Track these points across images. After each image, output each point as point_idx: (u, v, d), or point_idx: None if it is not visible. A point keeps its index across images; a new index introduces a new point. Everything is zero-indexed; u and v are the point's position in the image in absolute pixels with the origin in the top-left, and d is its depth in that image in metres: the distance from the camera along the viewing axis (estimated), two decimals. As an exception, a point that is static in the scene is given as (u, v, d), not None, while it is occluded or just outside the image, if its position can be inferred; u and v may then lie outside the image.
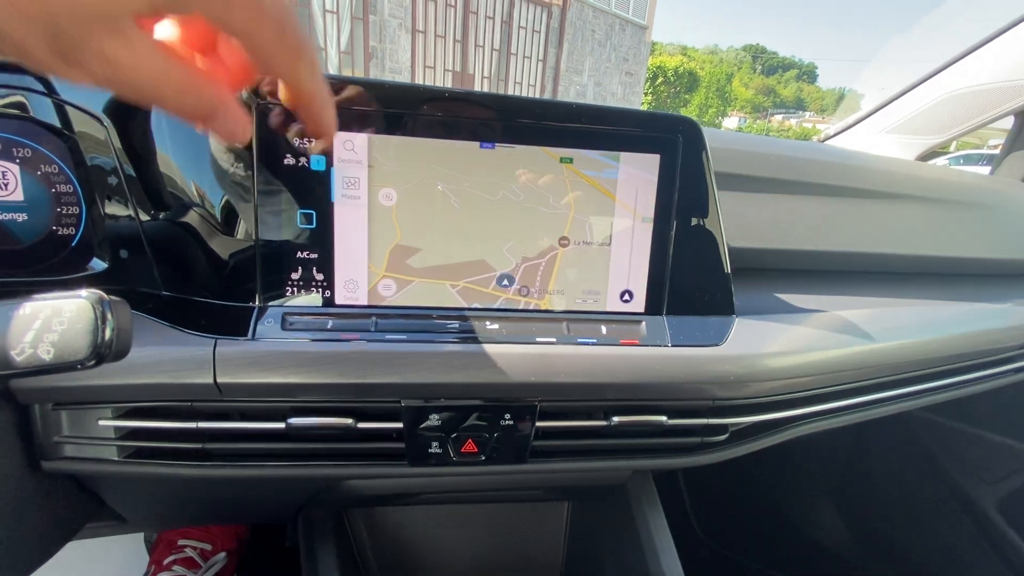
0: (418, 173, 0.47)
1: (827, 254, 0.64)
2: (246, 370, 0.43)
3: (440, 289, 0.49)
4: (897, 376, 0.63)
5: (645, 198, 0.51)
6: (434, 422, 0.49)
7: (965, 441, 1.03)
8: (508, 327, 0.49)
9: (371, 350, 0.46)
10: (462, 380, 0.47)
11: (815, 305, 0.60)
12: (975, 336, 0.66)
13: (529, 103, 0.47)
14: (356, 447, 0.50)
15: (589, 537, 0.69)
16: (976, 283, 0.76)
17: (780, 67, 74.48)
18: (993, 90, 0.95)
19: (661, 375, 0.49)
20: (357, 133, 0.45)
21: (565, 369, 0.48)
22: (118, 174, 0.44)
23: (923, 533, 1.06)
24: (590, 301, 0.52)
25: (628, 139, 0.49)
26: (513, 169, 0.48)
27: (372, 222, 0.47)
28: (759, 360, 0.52)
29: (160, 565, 0.90)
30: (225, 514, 0.69)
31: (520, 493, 0.64)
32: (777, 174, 0.61)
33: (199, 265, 0.45)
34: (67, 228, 0.45)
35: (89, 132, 0.44)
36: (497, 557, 0.71)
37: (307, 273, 0.47)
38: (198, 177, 0.45)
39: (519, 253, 0.50)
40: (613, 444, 0.54)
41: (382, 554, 0.68)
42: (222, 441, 0.48)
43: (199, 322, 0.44)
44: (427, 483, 0.57)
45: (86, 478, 0.51)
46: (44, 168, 0.44)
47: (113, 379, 0.42)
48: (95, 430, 0.46)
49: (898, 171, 0.69)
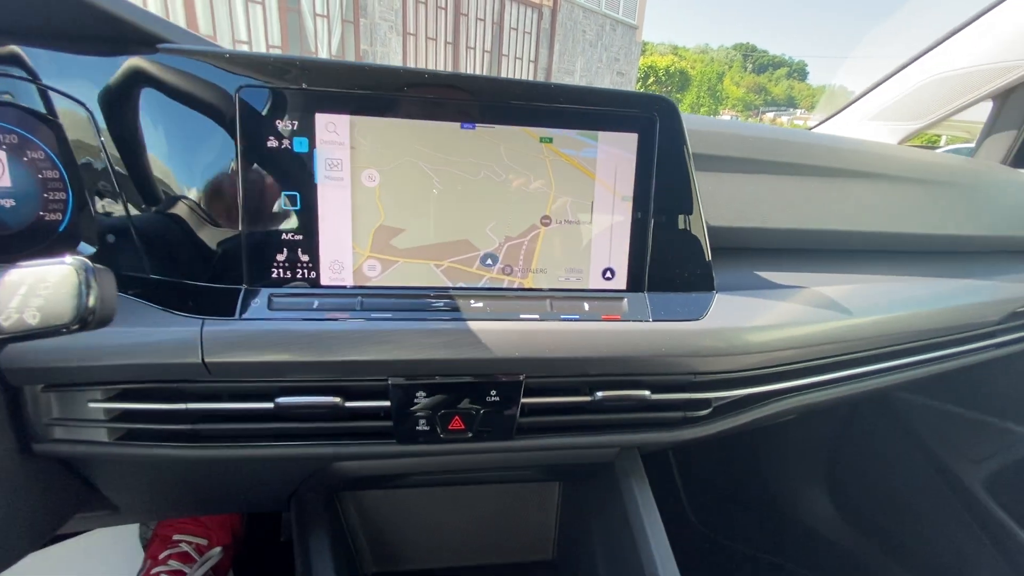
0: (400, 154, 0.48)
1: (806, 232, 0.65)
2: (234, 349, 0.44)
3: (425, 269, 0.50)
4: (877, 350, 0.64)
5: (624, 177, 0.52)
6: (421, 400, 0.50)
7: (951, 422, 1.05)
8: (492, 305, 0.50)
9: (357, 328, 0.46)
10: (448, 356, 0.47)
11: (794, 282, 0.61)
12: (953, 311, 0.68)
13: (509, 84, 0.48)
14: (345, 426, 0.50)
15: (580, 516, 0.70)
16: (954, 260, 0.77)
17: (771, 65, 74.89)
18: (971, 74, 0.97)
19: (643, 349, 0.50)
20: (339, 115, 0.46)
21: (549, 344, 0.49)
22: (104, 159, 0.45)
23: (911, 513, 1.07)
24: (573, 279, 0.53)
25: (606, 118, 0.50)
26: (494, 149, 0.49)
27: (356, 203, 0.48)
28: (739, 334, 0.53)
29: (155, 560, 0.90)
30: (217, 501, 0.69)
31: (510, 473, 0.65)
32: (754, 154, 0.63)
33: (185, 248, 0.46)
34: (54, 214, 0.46)
35: (74, 118, 0.44)
36: (489, 538, 0.72)
37: (292, 255, 0.47)
38: (183, 162, 0.46)
39: (502, 232, 0.51)
40: (598, 419, 0.55)
41: (374, 537, 0.69)
42: (212, 422, 0.48)
43: (186, 304, 0.45)
44: (417, 464, 0.57)
45: (77, 462, 0.52)
46: (30, 154, 0.45)
47: (102, 360, 0.43)
48: (85, 412, 0.46)
49: (877, 152, 0.70)
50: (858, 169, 0.68)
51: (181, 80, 0.44)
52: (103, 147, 0.45)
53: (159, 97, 0.45)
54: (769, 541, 1.22)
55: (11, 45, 0.43)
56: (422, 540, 0.71)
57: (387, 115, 0.47)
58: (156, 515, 0.83)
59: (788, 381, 0.60)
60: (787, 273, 0.63)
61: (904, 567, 1.07)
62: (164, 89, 0.45)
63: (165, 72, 0.44)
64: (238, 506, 0.82)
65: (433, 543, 0.71)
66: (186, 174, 0.46)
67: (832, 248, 0.70)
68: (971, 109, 1.03)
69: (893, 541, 1.09)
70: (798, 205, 0.64)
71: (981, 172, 0.82)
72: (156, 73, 0.44)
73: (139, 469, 0.54)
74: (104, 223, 0.46)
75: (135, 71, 0.45)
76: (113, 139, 0.45)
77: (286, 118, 0.45)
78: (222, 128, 0.45)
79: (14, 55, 0.43)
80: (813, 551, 1.17)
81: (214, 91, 0.45)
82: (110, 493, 0.58)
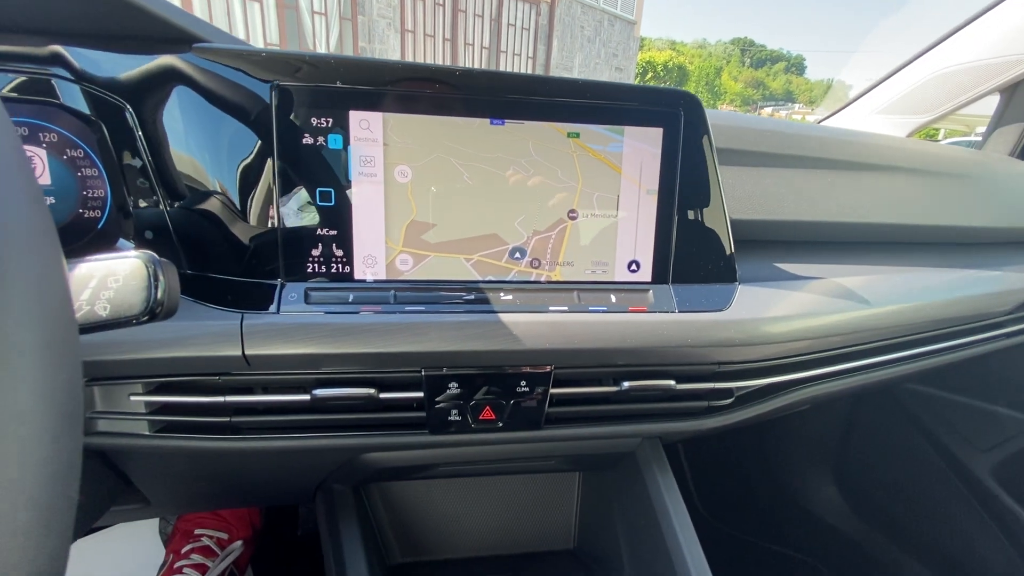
0: (431, 150, 0.49)
1: (823, 225, 0.66)
2: (272, 342, 0.45)
3: (455, 263, 0.51)
4: (892, 340, 0.66)
5: (649, 171, 0.53)
6: (453, 390, 0.51)
7: (958, 411, 1.06)
8: (521, 297, 0.51)
9: (391, 321, 0.47)
10: (479, 348, 0.48)
11: (813, 273, 0.62)
12: (966, 301, 0.69)
13: (538, 80, 0.49)
14: (379, 417, 0.51)
15: (601, 505, 0.71)
16: (967, 251, 0.79)
17: (768, 60, 74.82)
18: (978, 68, 0.98)
19: (669, 339, 0.52)
20: (372, 112, 0.47)
21: (577, 335, 0.50)
22: (142, 157, 0.46)
23: (918, 502, 1.09)
24: (599, 272, 0.54)
25: (632, 114, 0.51)
26: (522, 144, 0.50)
27: (388, 199, 0.49)
28: (761, 324, 0.54)
29: (178, 554, 0.92)
30: (245, 494, 0.70)
31: (533, 464, 0.66)
32: (773, 148, 0.64)
33: (222, 244, 0.47)
34: (93, 211, 0.46)
35: (113, 117, 0.45)
36: (511, 528, 0.73)
37: (327, 250, 0.48)
38: (219, 159, 0.46)
39: (530, 226, 0.52)
40: (625, 409, 0.57)
41: (399, 528, 0.70)
42: (249, 414, 0.49)
43: (225, 298, 0.46)
44: (445, 454, 0.59)
45: (115, 455, 0.53)
46: (70, 152, 0.46)
47: (145, 353, 0.44)
48: (127, 405, 0.47)
49: (890, 144, 0.71)
50: (872, 162, 0.69)
51: (217, 79, 0.45)
52: (141, 145, 0.46)
53: (194, 96, 0.46)
54: (777, 531, 1.23)
55: (53, 45, 0.43)
56: (446, 530, 0.72)
57: (419, 112, 0.48)
58: (185, 508, 0.84)
59: (808, 370, 0.61)
60: (805, 264, 0.64)
61: (911, 556, 1.09)
62: (199, 88, 0.45)
63: (201, 71, 0.45)
64: (265, 499, 0.83)
65: (456, 533, 0.72)
66: (222, 171, 0.46)
67: (847, 240, 0.71)
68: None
69: (900, 530, 1.11)
70: (814, 198, 0.65)
71: (990, 164, 0.83)
72: (191, 72, 0.45)
73: (174, 462, 0.55)
74: (142, 220, 0.47)
75: (171, 70, 0.45)
76: (150, 137, 0.46)
77: (321, 116, 0.46)
78: (257, 126, 0.46)
79: (56, 55, 0.43)
80: (820, 541, 1.18)
81: (250, 90, 0.45)
82: (143, 486, 0.59)
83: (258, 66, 0.45)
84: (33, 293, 0.17)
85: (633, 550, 0.66)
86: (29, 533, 0.16)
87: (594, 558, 0.71)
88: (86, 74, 0.44)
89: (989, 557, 0.99)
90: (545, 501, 0.75)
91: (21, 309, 0.16)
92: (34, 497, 0.16)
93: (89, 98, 0.45)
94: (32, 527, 0.17)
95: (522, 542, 0.73)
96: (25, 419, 0.16)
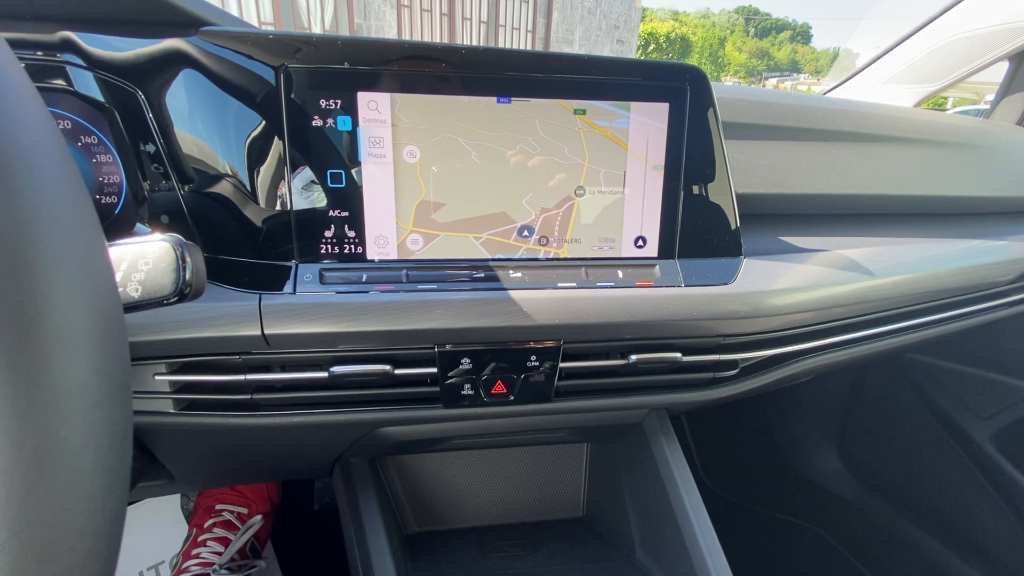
0: (439, 130, 0.49)
1: (828, 197, 0.66)
2: (291, 321, 0.46)
3: (464, 242, 0.52)
4: (897, 310, 0.66)
5: (656, 146, 0.53)
6: (466, 366, 0.52)
7: (959, 380, 1.08)
8: (530, 275, 0.52)
9: (404, 299, 0.49)
10: (491, 324, 0.50)
11: (818, 245, 0.63)
12: (971, 271, 0.70)
13: (544, 57, 0.49)
14: (394, 392, 0.53)
15: (609, 475, 0.73)
16: (972, 221, 0.79)
17: (773, 29, 73.01)
18: (986, 35, 0.97)
19: (675, 313, 0.53)
20: (380, 93, 0.47)
21: (585, 311, 0.51)
22: (155, 142, 0.47)
23: (920, 469, 1.11)
24: (606, 248, 0.55)
25: (638, 89, 0.51)
26: (529, 122, 0.50)
27: (398, 179, 0.49)
28: (766, 297, 0.55)
29: (201, 528, 0.95)
30: (266, 469, 0.73)
31: (543, 436, 0.68)
32: (777, 121, 0.64)
33: (237, 227, 0.48)
34: (110, 197, 0.47)
35: (125, 102, 0.46)
36: (523, 498, 0.76)
37: (339, 230, 0.49)
38: (230, 143, 0.47)
39: (537, 204, 0.52)
40: (632, 382, 0.58)
41: (415, 499, 0.73)
42: (269, 392, 0.51)
43: (242, 279, 0.47)
44: (458, 428, 0.60)
45: (141, 433, 0.55)
46: (84, 139, 0.46)
47: (168, 334, 0.45)
48: (152, 384, 0.49)
49: (896, 115, 0.71)
50: (878, 133, 0.69)
51: (224, 62, 0.46)
52: (153, 130, 0.46)
53: (203, 80, 0.46)
54: (780, 500, 1.26)
55: (63, 31, 0.44)
56: (459, 501, 0.74)
57: (426, 92, 0.48)
58: (208, 483, 0.87)
59: (811, 341, 0.62)
60: (810, 237, 0.64)
61: (912, 522, 1.12)
62: (207, 72, 0.46)
63: (208, 55, 0.45)
64: (285, 473, 0.86)
65: (470, 504, 0.75)
66: (233, 155, 0.47)
67: (853, 212, 0.72)
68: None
69: (902, 497, 1.14)
70: (820, 171, 0.66)
71: (997, 133, 0.83)
72: (199, 56, 0.46)
73: (198, 438, 0.57)
74: (157, 204, 0.48)
75: (179, 54, 0.46)
76: (161, 122, 0.46)
77: (329, 97, 0.47)
78: (266, 109, 0.46)
79: (67, 41, 0.44)
80: (823, 508, 1.21)
81: (258, 73, 0.46)
82: (169, 463, 0.61)
83: (265, 49, 0.45)
84: (84, 272, 0.18)
85: (641, 518, 0.68)
86: (94, 497, 0.18)
87: (603, 526, 0.74)
88: (97, 59, 0.45)
89: (988, 522, 1.02)
90: (555, 472, 0.77)
91: (72, 286, 0.17)
92: (98, 462, 0.18)
93: (101, 84, 0.45)
94: (96, 491, 0.18)
95: (533, 511, 0.76)
96: (84, 391, 0.18)
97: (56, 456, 0.16)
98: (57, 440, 0.16)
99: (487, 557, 0.69)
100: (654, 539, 0.66)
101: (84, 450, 0.17)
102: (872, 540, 1.13)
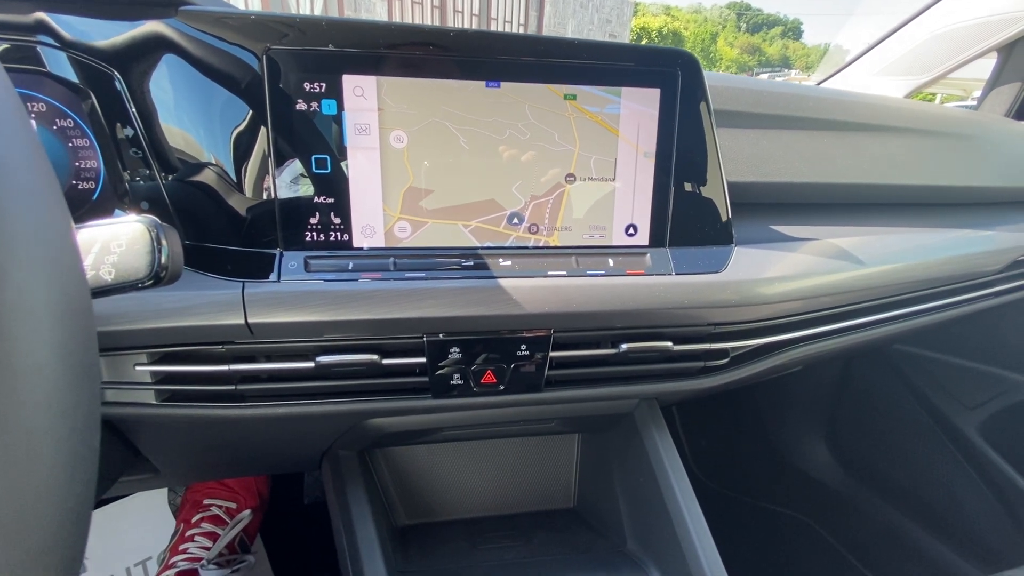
0: (427, 115, 0.48)
1: (819, 186, 0.66)
2: (275, 310, 0.45)
3: (453, 229, 0.51)
4: (886, 299, 0.67)
5: (647, 133, 0.52)
6: (455, 355, 0.51)
7: (946, 370, 1.09)
8: (520, 263, 0.51)
9: (391, 288, 0.48)
10: (480, 313, 0.49)
11: (809, 234, 0.62)
12: (958, 260, 0.70)
13: (533, 40, 0.48)
14: (382, 382, 0.52)
15: (600, 465, 0.73)
16: (961, 211, 0.79)
17: (765, 24, 73.22)
18: (976, 26, 0.97)
19: (666, 301, 0.52)
20: (366, 76, 0.46)
21: (576, 299, 0.51)
22: (134, 127, 0.45)
23: (907, 458, 1.12)
24: (597, 236, 0.54)
25: (629, 74, 0.50)
26: (519, 107, 0.49)
27: (385, 165, 0.48)
28: (756, 285, 0.55)
29: (189, 523, 0.94)
30: (253, 462, 0.72)
31: (533, 426, 0.67)
32: (769, 110, 0.63)
33: (219, 213, 0.47)
34: (87, 182, 0.46)
35: (102, 85, 0.44)
36: (513, 489, 0.75)
37: (325, 217, 0.48)
38: (212, 128, 0.46)
39: (527, 191, 0.52)
40: (622, 371, 0.58)
41: (404, 491, 0.72)
42: (254, 382, 0.50)
43: (225, 267, 0.46)
44: (448, 418, 0.60)
45: (123, 425, 0.54)
46: (60, 122, 0.45)
47: (148, 323, 0.44)
48: (132, 375, 0.48)
49: (887, 105, 0.71)
50: (868, 122, 0.69)
51: (204, 45, 0.44)
52: (132, 114, 0.45)
53: (182, 63, 0.45)
54: (769, 489, 1.27)
55: (37, 12, 0.42)
56: (450, 493, 0.74)
57: (413, 75, 0.47)
58: (194, 477, 0.86)
59: (801, 330, 0.62)
60: (801, 226, 0.64)
61: (898, 509, 1.13)
62: (187, 54, 0.44)
63: (187, 37, 0.44)
64: (272, 467, 0.85)
65: (460, 495, 0.74)
66: (215, 140, 0.46)
67: (843, 201, 0.72)
68: (967, 67, 1.04)
69: (889, 486, 1.15)
70: (811, 160, 0.65)
71: (986, 124, 0.83)
72: (178, 38, 0.44)
73: (182, 431, 0.56)
74: (138, 191, 0.46)
75: (157, 36, 0.44)
76: (141, 106, 0.45)
77: (313, 81, 0.45)
78: (249, 93, 0.45)
79: (41, 22, 0.42)
80: (811, 498, 1.23)
81: (239, 56, 0.44)
82: (152, 456, 0.60)
83: (247, 30, 0.44)
84: (43, 248, 0.17)
85: (632, 508, 0.68)
86: (58, 481, 0.17)
87: (594, 516, 0.74)
88: (72, 41, 0.43)
89: (973, 509, 1.03)
90: (545, 462, 0.77)
91: (32, 262, 0.17)
92: (60, 446, 0.17)
93: (77, 66, 0.44)
94: (60, 474, 0.17)
95: (524, 502, 0.76)
96: (43, 372, 0.17)
97: (13, 438, 0.15)
98: (14, 422, 0.15)
99: (478, 549, 0.68)
100: (645, 529, 0.66)
101: (44, 433, 0.16)
102: (860, 529, 1.14)
